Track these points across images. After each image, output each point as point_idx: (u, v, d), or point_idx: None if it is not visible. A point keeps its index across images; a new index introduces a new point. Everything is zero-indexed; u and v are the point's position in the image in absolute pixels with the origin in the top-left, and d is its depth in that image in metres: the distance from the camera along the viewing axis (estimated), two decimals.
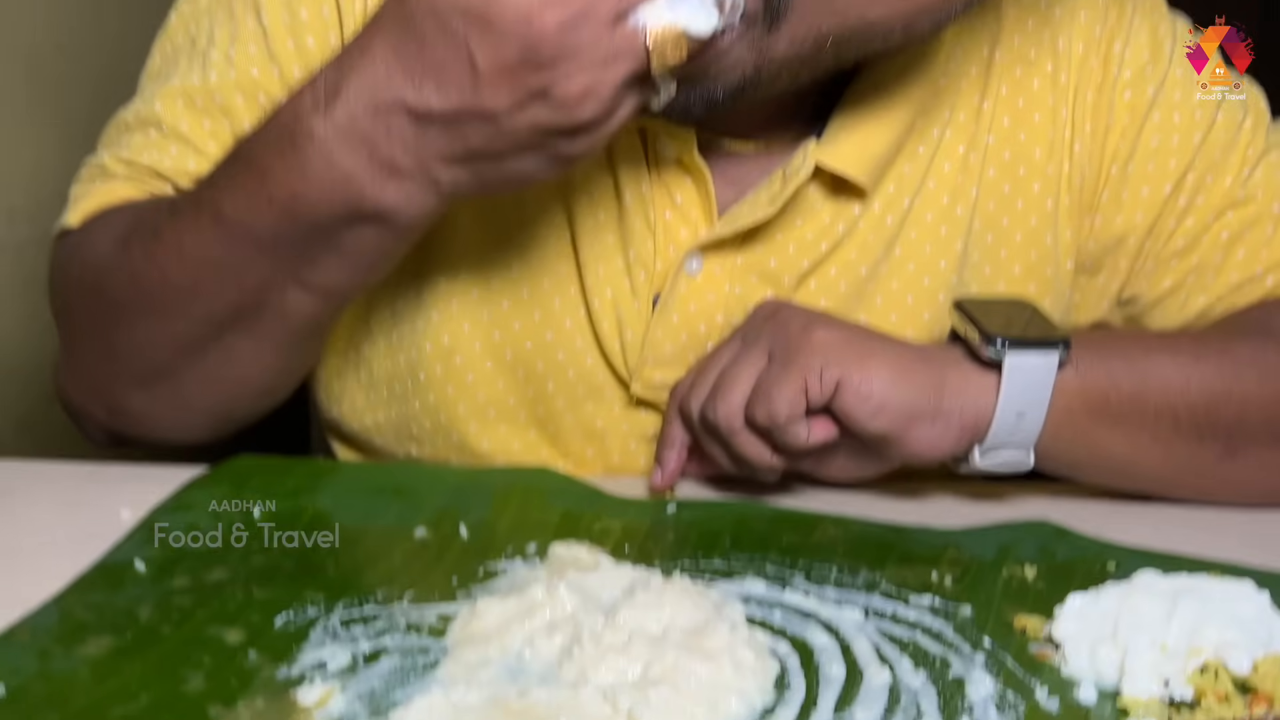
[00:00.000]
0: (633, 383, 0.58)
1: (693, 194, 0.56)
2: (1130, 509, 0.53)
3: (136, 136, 0.57)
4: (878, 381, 0.48)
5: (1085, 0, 0.59)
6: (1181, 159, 0.59)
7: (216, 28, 0.56)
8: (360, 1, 0.55)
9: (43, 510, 0.52)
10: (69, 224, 0.57)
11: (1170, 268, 0.60)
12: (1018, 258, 0.59)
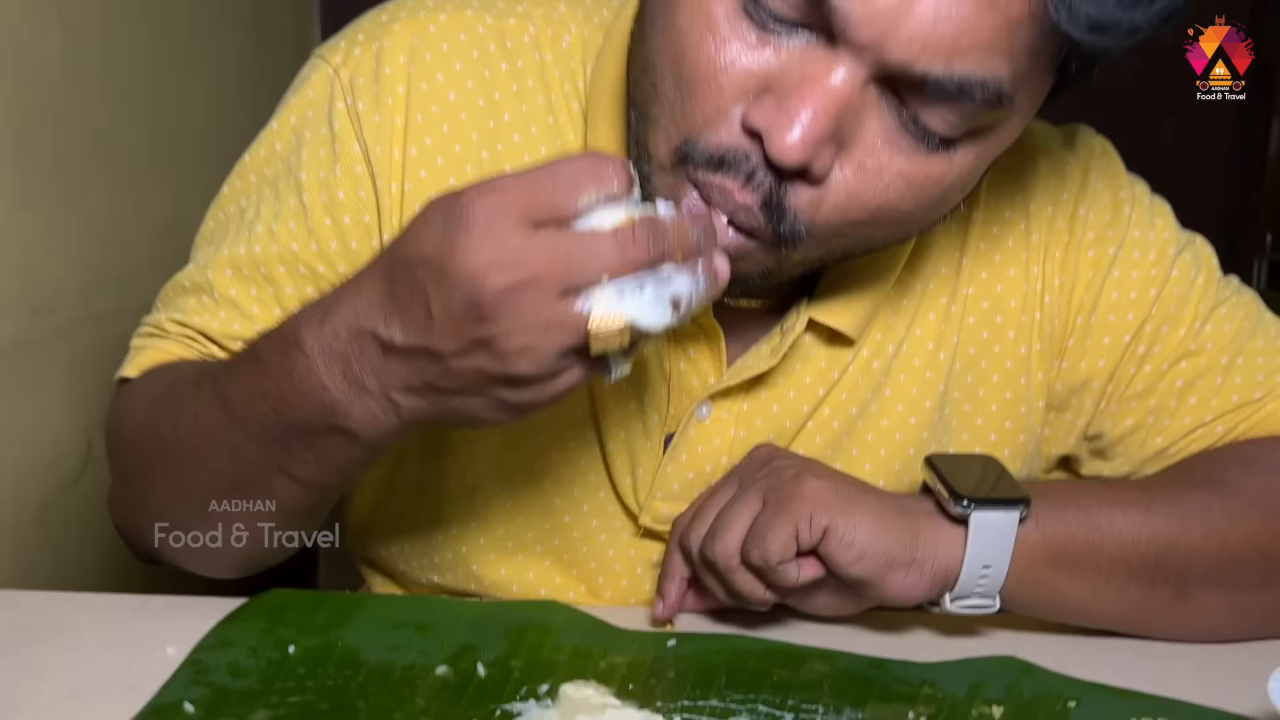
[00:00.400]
0: (642, 515, 0.63)
1: (704, 348, 0.62)
2: (1092, 642, 0.57)
3: (190, 300, 0.63)
4: (860, 530, 0.53)
5: (1053, 168, 0.66)
6: (1139, 312, 0.64)
7: (263, 203, 0.62)
8: (396, 184, 0.60)
9: (91, 646, 0.56)
10: (125, 375, 0.63)
11: (1130, 409, 0.65)
12: (994, 396, 0.65)
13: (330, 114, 0.61)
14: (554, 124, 0.62)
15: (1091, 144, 0.68)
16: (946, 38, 0.46)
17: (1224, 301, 0.66)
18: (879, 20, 0.46)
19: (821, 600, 0.56)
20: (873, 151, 0.50)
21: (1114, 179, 0.67)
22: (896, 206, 0.51)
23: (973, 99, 0.48)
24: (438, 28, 0.61)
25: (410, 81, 0.60)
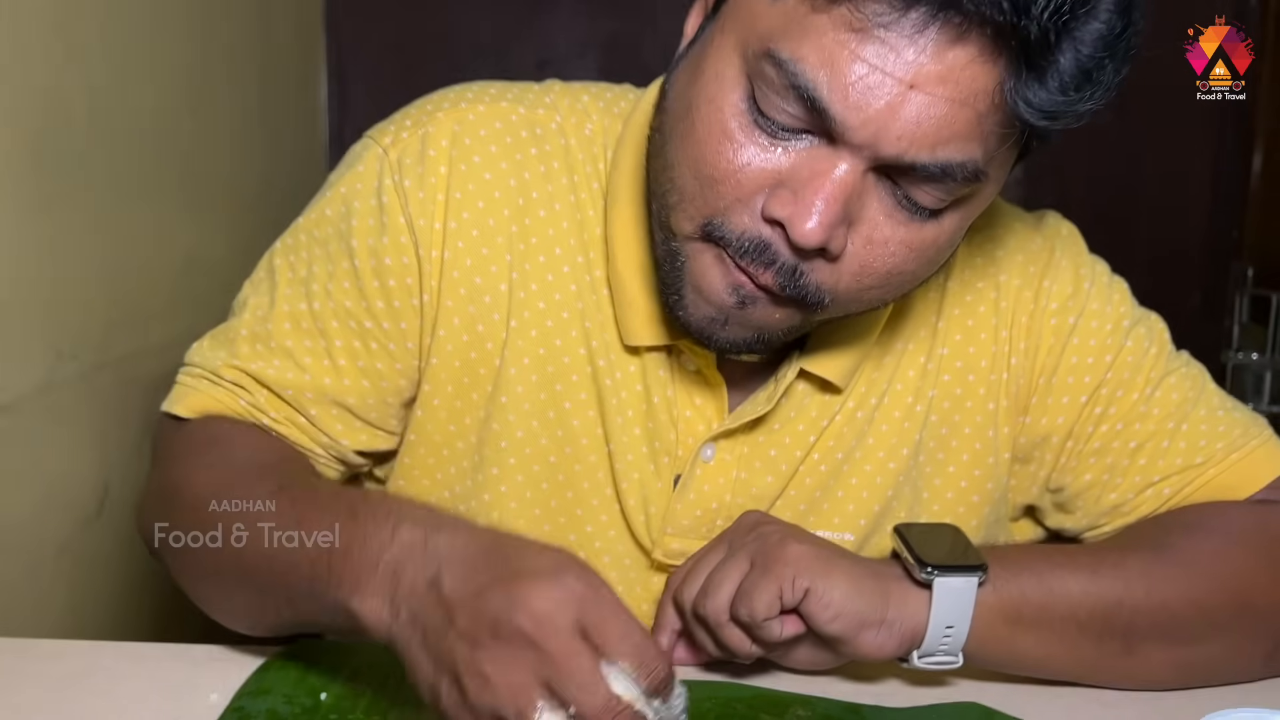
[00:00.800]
0: (654, 550, 0.70)
1: (709, 397, 0.69)
2: (1048, 690, 0.63)
3: (245, 347, 0.69)
4: (837, 592, 0.59)
5: (1020, 244, 0.73)
6: (1095, 375, 0.71)
7: (315, 263, 0.69)
8: (436, 252, 0.68)
9: (141, 693, 0.62)
10: (173, 411, 0.70)
11: (1088, 465, 0.71)
12: (965, 447, 0.71)
13: (379, 188, 0.68)
14: (576, 201, 0.69)
15: (1059, 227, 0.75)
16: (929, 134, 0.54)
17: (1173, 372, 0.72)
18: (872, 124, 0.54)
19: (801, 655, 0.62)
20: (877, 226, 0.58)
21: (1077, 258, 0.74)
22: (902, 269, 0.60)
23: (954, 178, 0.56)
24: (476, 116, 0.69)
25: (451, 163, 0.68)
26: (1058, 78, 0.53)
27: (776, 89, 0.55)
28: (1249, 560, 0.65)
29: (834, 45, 0.53)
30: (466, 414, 0.69)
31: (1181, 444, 0.70)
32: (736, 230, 0.58)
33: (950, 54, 0.53)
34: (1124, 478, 0.71)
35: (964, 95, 0.53)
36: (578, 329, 0.69)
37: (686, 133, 0.59)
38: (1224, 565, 0.65)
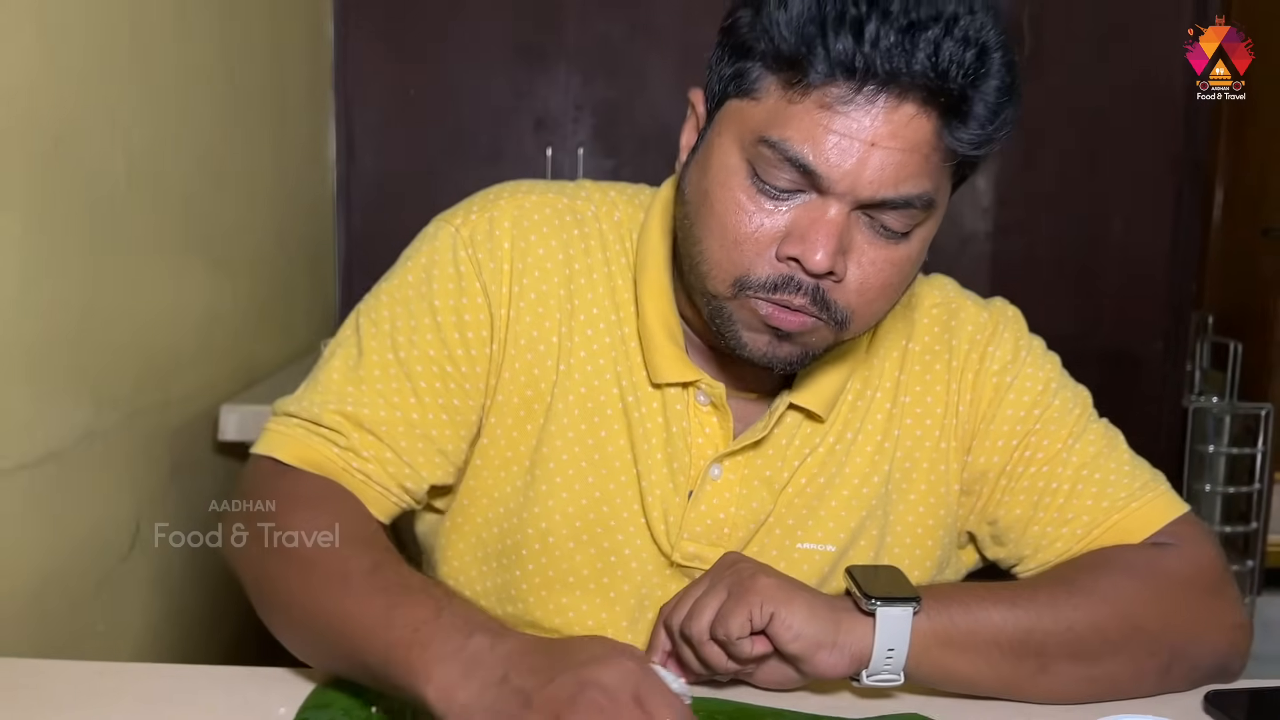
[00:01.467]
0: (673, 554, 0.84)
1: (717, 425, 0.84)
2: (978, 704, 0.76)
3: (343, 391, 0.83)
4: (797, 617, 0.72)
5: (971, 319, 0.89)
6: (1025, 425, 0.85)
7: (398, 320, 0.84)
8: (504, 310, 0.84)
9: (221, 709, 0.74)
10: (275, 455, 0.81)
11: (1018, 500, 0.85)
12: (923, 479, 0.86)
13: (455, 259, 0.84)
14: (608, 272, 0.86)
15: (1005, 309, 0.92)
16: (891, 177, 0.73)
17: (1091, 431, 0.86)
18: (849, 177, 0.73)
19: (769, 673, 0.75)
20: (864, 251, 0.76)
21: (1018, 333, 0.89)
22: (891, 282, 0.77)
23: (915, 206, 0.75)
24: (531, 204, 0.87)
25: (514, 240, 0.84)
26: (976, 120, 0.72)
27: (773, 163, 0.73)
28: (1142, 592, 0.78)
29: (811, 125, 0.72)
30: (521, 442, 0.84)
31: (1094, 489, 0.84)
32: (761, 277, 0.75)
33: (896, 116, 0.71)
34: (1045, 513, 0.84)
35: (911, 144, 0.72)
36: (611, 373, 0.84)
37: (708, 213, 0.76)
38: (1120, 596, 0.77)
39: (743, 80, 0.75)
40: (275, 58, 2.20)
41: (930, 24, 0.68)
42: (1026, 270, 2.69)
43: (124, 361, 1.56)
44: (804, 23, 0.70)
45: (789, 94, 0.72)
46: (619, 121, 2.63)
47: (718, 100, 0.78)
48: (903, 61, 0.69)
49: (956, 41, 0.69)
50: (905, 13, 0.68)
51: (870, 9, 0.69)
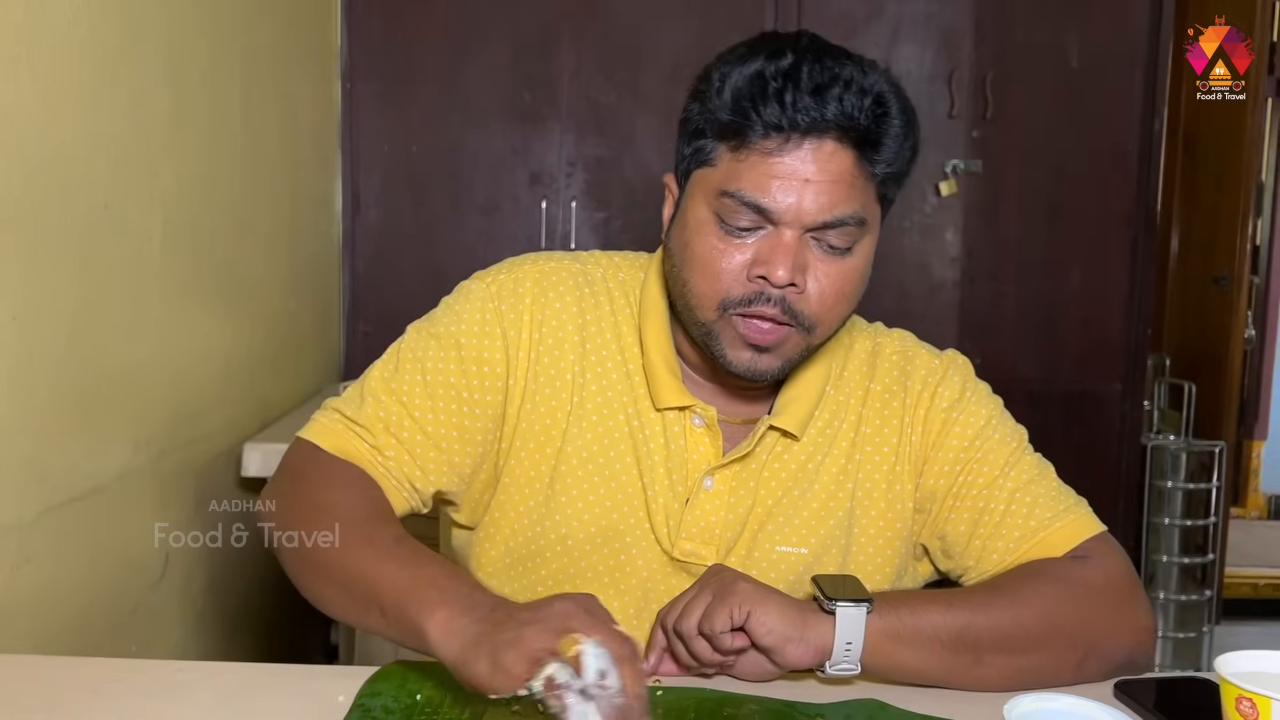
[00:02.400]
0: (673, 551, 0.99)
1: (709, 444, 1.00)
2: (926, 692, 0.89)
3: (379, 398, 0.98)
4: (770, 615, 0.86)
5: (925, 364, 1.05)
6: (969, 454, 1.00)
7: (429, 351, 1.00)
8: (523, 353, 1.00)
9: (290, 698, 0.87)
10: (316, 440, 0.97)
11: (962, 518, 1.00)
12: (882, 497, 1.01)
13: (483, 309, 1.01)
14: (615, 321, 1.03)
15: (955, 358, 1.07)
16: (826, 204, 0.90)
17: (1025, 461, 1.01)
18: (793, 210, 0.90)
19: (746, 664, 0.89)
20: (819, 266, 0.92)
21: (965, 377, 1.05)
22: (844, 290, 0.94)
23: (849, 224, 0.92)
24: (550, 269, 1.04)
25: (534, 296, 1.01)
26: (884, 147, 0.91)
27: (734, 210, 0.91)
28: (1061, 597, 0.92)
29: (757, 175, 0.90)
30: (543, 462, 1.00)
31: (1024, 510, 0.98)
32: (738, 296, 0.92)
33: (820, 155, 0.89)
34: (984, 529, 0.99)
35: (836, 175, 0.90)
36: (619, 401, 1.01)
37: (691, 257, 0.94)
38: (1042, 599, 0.92)
39: (701, 154, 0.94)
40: (290, 121, 2.35)
41: (833, 84, 0.88)
42: (992, 316, 2.85)
43: (157, 405, 1.69)
44: (739, 100, 0.89)
45: (737, 155, 0.91)
46: (609, 176, 2.80)
47: (685, 174, 0.96)
48: (817, 114, 0.88)
49: (854, 94, 0.88)
50: (811, 79, 0.88)
51: (786, 81, 0.88)
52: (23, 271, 1.29)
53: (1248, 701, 0.68)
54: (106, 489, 1.52)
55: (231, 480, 1.96)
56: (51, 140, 1.34)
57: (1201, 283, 3.33)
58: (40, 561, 1.34)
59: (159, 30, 1.64)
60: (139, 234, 1.59)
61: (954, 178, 2.80)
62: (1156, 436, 3.14)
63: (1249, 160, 3.14)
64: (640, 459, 1.00)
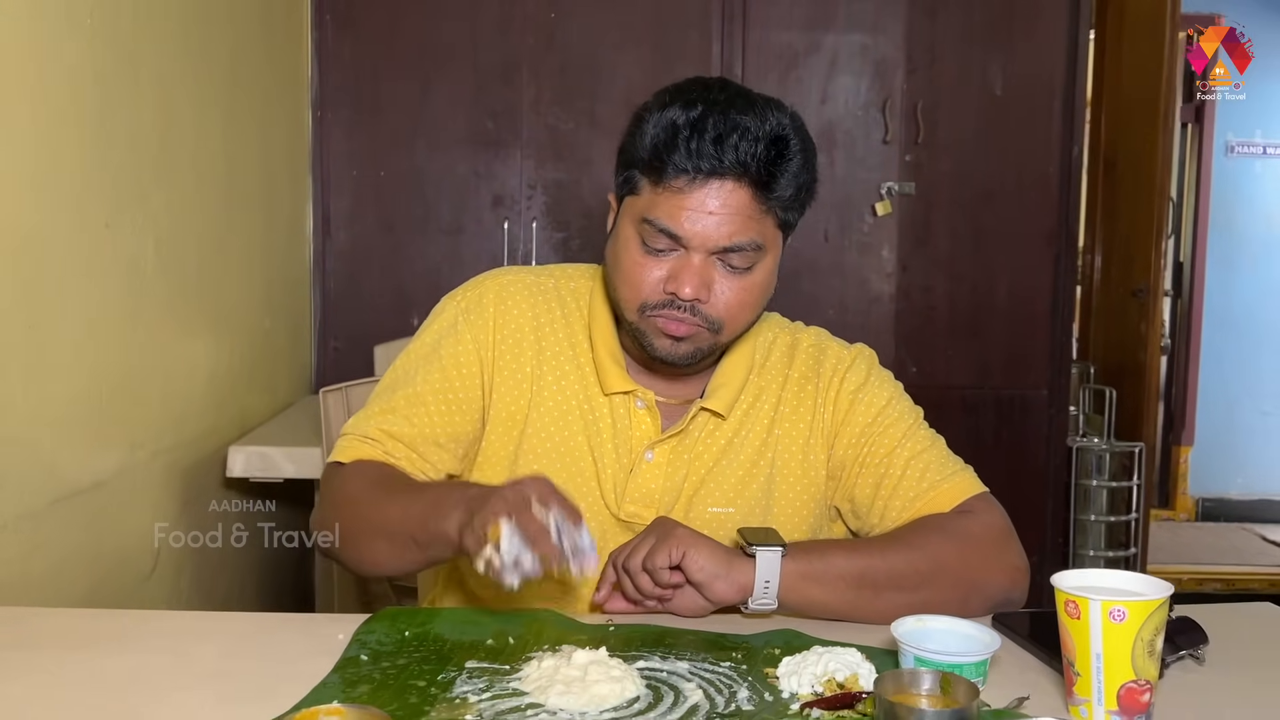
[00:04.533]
0: (619, 513, 1.16)
1: (650, 423, 1.16)
2: (834, 625, 1.06)
3: (382, 415, 1.16)
4: (701, 556, 1.03)
5: (836, 355, 1.22)
6: (872, 429, 1.18)
7: (418, 369, 1.18)
8: (489, 354, 1.18)
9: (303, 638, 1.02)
10: (340, 459, 1.15)
11: (867, 483, 1.17)
12: (798, 467, 1.18)
13: (455, 323, 1.19)
14: (567, 322, 1.21)
15: (863, 349, 1.25)
16: (726, 232, 1.07)
17: (920, 434, 1.19)
18: (699, 236, 1.07)
19: (681, 600, 1.05)
20: (722, 282, 1.09)
21: (870, 365, 1.23)
22: (745, 302, 1.11)
23: (747, 250, 1.08)
24: (508, 281, 1.22)
25: (495, 306, 1.19)
26: (778, 187, 1.07)
27: (652, 234, 1.08)
28: (945, 542, 1.10)
29: (671, 207, 1.07)
30: (510, 443, 1.16)
31: (917, 474, 1.16)
32: (654, 302, 1.09)
33: (721, 192, 1.06)
34: (884, 491, 1.16)
35: (735, 209, 1.06)
36: (571, 390, 1.18)
37: (618, 268, 1.12)
38: (930, 544, 1.10)
39: (629, 183, 1.11)
40: (264, 148, 2.50)
41: (731, 133, 1.04)
42: (926, 327, 3.05)
43: (149, 410, 1.83)
44: (657, 145, 1.06)
45: (655, 189, 1.07)
46: (567, 199, 2.97)
47: (620, 198, 1.14)
48: (717, 160, 1.04)
49: (749, 141, 1.04)
50: (715, 129, 1.04)
51: (693, 132, 1.04)
52: (38, 283, 1.43)
53: (1073, 604, 0.85)
54: (107, 484, 1.65)
55: (217, 481, 2.10)
56: (64, 166, 1.49)
57: (1122, 295, 3.56)
58: (50, 549, 1.47)
59: (152, 67, 1.79)
60: (134, 252, 1.73)
61: (889, 199, 3.01)
62: (1081, 439, 3.35)
63: (1161, 181, 3.38)
64: (590, 437, 1.16)
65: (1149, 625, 0.83)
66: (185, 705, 0.87)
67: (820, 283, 2.97)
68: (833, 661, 0.93)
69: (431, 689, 0.90)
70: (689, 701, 0.90)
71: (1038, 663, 0.99)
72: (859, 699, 0.87)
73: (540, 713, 0.86)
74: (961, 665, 0.89)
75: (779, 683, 0.92)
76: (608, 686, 0.89)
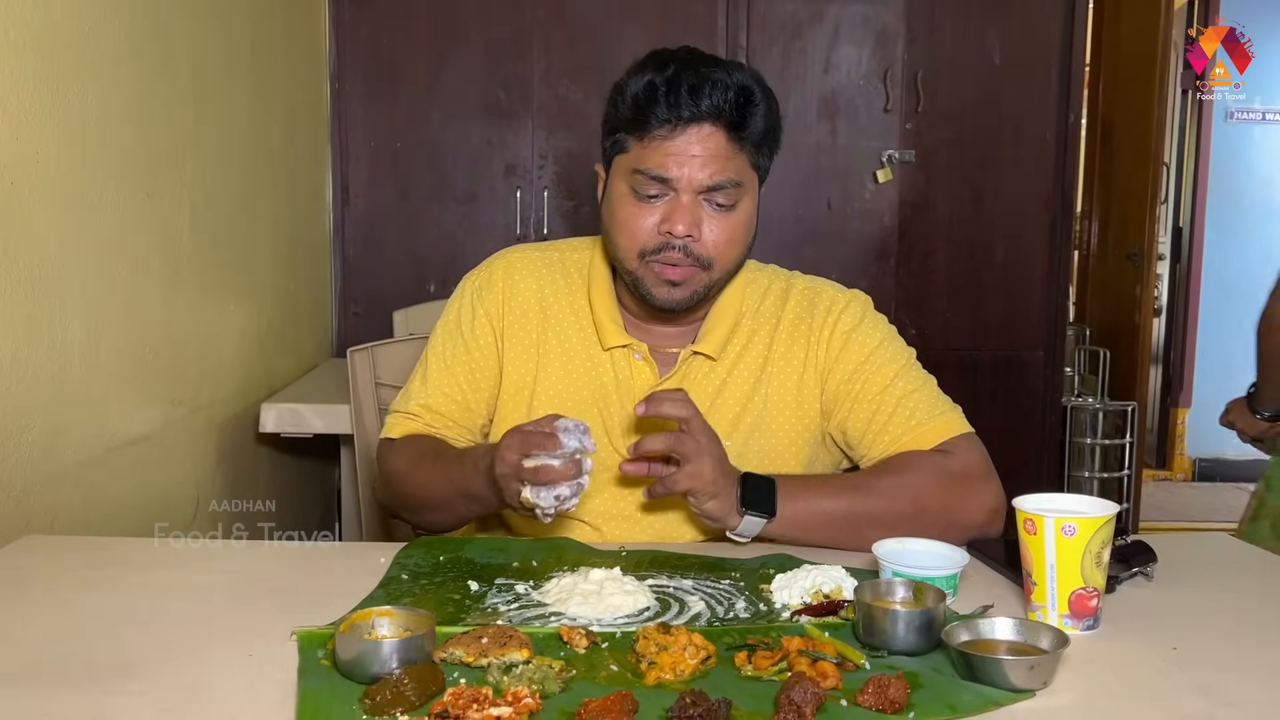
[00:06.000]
0: (622, 450, 1.25)
1: (647, 371, 1.28)
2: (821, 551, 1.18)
3: (420, 392, 1.30)
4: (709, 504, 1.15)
5: (831, 298, 1.33)
6: (865, 368, 1.28)
7: (447, 345, 1.32)
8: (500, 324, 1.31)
9: (350, 561, 1.14)
10: (388, 435, 1.30)
11: (859, 417, 1.28)
12: (793, 403, 1.29)
13: (472, 301, 1.32)
14: (569, 292, 1.32)
15: (857, 294, 1.35)
16: (709, 172, 1.19)
17: (911, 374, 1.30)
18: (685, 178, 1.19)
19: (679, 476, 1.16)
20: (710, 220, 1.21)
21: (864, 309, 1.33)
22: (733, 238, 1.22)
23: (727, 188, 1.20)
24: (516, 257, 1.34)
25: (504, 282, 1.32)
26: (749, 129, 1.19)
27: (643, 183, 1.20)
28: (924, 481, 1.21)
29: (657, 154, 1.19)
30: (522, 405, 1.29)
31: (906, 412, 1.26)
32: (652, 246, 1.21)
33: (700, 135, 1.18)
34: (875, 425, 1.27)
35: (714, 150, 1.19)
36: (574, 350, 1.30)
37: (614, 222, 1.24)
38: (909, 484, 1.21)
39: (617, 144, 1.23)
40: (288, 120, 2.60)
41: (704, 85, 1.17)
42: (925, 290, 3.14)
43: (188, 368, 1.94)
44: (639, 102, 1.19)
45: (641, 142, 1.20)
46: (577, 168, 3.06)
47: (609, 161, 1.26)
48: (694, 108, 1.17)
49: (721, 89, 1.17)
50: (688, 81, 1.17)
51: (669, 87, 1.17)
52: (91, 248, 1.55)
53: (1030, 522, 0.96)
54: (151, 437, 1.78)
55: (250, 436, 2.22)
56: (112, 140, 1.60)
57: (1117, 259, 3.64)
58: (104, 494, 1.60)
59: (185, 44, 1.89)
60: (173, 220, 1.85)
61: (889, 166, 3.10)
62: (1076, 398, 3.45)
63: (1156, 147, 3.45)
64: (595, 390, 1.29)
65: (1096, 539, 0.94)
66: (249, 614, 0.99)
67: (823, 249, 3.08)
68: (820, 577, 1.04)
69: (466, 600, 1.02)
70: (693, 610, 1.02)
71: (1004, 581, 1.11)
72: (842, 607, 0.99)
73: (562, 619, 0.98)
74: (934, 579, 1.00)
75: (772, 596, 1.04)
76: (621, 598, 1.01)
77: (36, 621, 0.97)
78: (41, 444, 1.40)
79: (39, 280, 1.40)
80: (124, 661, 0.88)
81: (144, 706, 0.80)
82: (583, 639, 0.91)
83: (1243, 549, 1.30)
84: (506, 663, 0.85)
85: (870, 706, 0.80)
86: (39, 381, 1.40)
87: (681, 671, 0.86)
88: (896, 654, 0.90)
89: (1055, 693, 0.84)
